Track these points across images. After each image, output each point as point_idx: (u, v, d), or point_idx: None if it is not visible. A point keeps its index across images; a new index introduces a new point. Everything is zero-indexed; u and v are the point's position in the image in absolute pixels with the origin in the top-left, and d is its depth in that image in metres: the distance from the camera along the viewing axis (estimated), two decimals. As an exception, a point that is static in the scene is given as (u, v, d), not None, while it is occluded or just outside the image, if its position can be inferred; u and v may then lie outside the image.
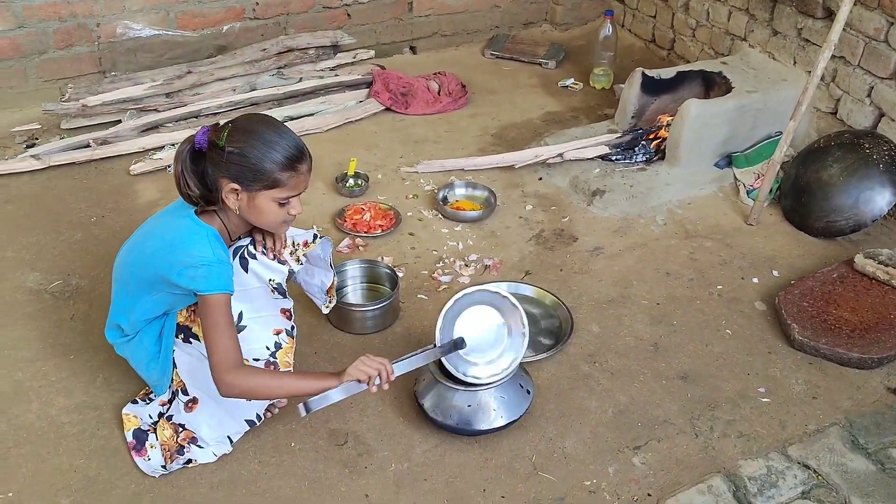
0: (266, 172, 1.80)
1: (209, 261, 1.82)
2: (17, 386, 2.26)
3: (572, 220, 3.03)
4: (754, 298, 2.65)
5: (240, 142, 1.79)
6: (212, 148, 1.82)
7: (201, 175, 1.87)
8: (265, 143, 1.80)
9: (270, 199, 1.84)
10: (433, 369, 2.09)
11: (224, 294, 1.83)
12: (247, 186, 1.82)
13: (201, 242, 1.84)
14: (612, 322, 2.55)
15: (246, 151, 1.79)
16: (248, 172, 1.80)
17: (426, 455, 2.08)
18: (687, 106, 3.10)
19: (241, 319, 1.97)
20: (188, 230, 1.87)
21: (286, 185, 1.84)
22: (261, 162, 1.79)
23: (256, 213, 1.87)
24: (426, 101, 3.79)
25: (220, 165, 1.81)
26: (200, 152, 1.85)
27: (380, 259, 2.76)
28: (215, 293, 1.81)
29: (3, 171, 3.20)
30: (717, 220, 3.05)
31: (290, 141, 1.84)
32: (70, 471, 2.01)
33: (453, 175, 3.29)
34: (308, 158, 1.88)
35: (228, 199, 1.85)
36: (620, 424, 2.19)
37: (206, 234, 1.86)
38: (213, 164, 1.83)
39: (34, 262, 2.74)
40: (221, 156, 1.80)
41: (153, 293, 1.93)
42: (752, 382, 2.33)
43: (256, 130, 1.82)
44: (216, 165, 1.82)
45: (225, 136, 1.81)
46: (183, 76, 3.62)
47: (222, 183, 1.83)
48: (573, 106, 3.88)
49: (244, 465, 2.04)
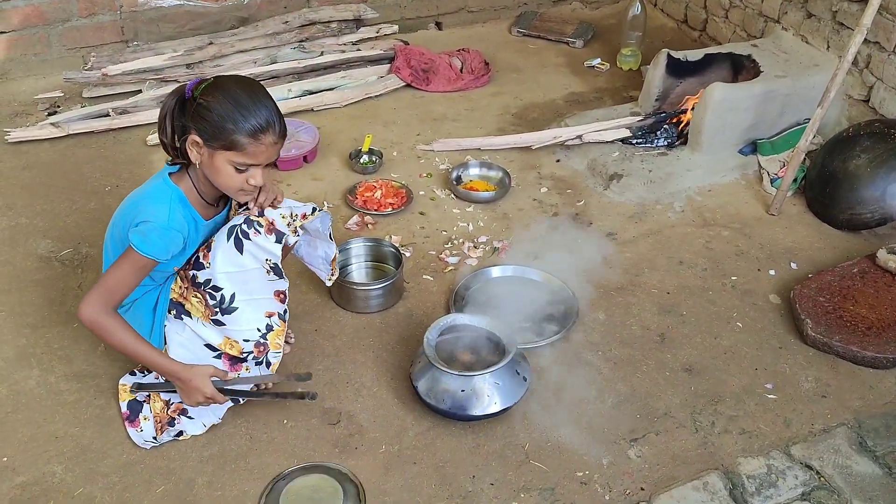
0: (225, 132, 1.78)
1: (158, 222, 1.83)
2: (20, 352, 2.29)
3: (587, 205, 2.97)
4: (769, 291, 2.57)
5: (211, 96, 1.79)
6: (189, 99, 1.84)
7: (183, 124, 1.87)
8: (234, 104, 1.78)
9: (227, 161, 1.82)
10: (430, 353, 2.06)
11: (147, 258, 1.83)
12: (207, 141, 1.81)
13: (161, 203, 1.87)
14: (620, 310, 2.49)
15: (212, 106, 1.78)
16: (209, 127, 1.79)
17: (418, 438, 2.06)
18: (711, 90, 3.00)
19: (233, 301, 1.95)
20: (155, 189, 1.91)
21: (244, 152, 1.80)
22: (222, 121, 1.78)
23: (214, 171, 1.85)
24: (448, 78, 3.74)
25: (190, 116, 1.82)
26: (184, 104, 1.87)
27: (387, 238, 2.73)
28: (138, 252, 1.82)
29: (23, 138, 3.23)
30: (738, 208, 2.96)
31: (263, 110, 1.80)
32: (65, 438, 2.03)
33: (469, 154, 3.23)
34: (276, 133, 1.83)
35: (191, 151, 1.85)
36: (619, 415, 2.14)
37: (169, 197, 1.88)
38: (187, 113, 1.84)
39: (47, 230, 2.77)
40: (192, 105, 1.81)
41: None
42: (759, 378, 2.26)
43: (231, 90, 1.80)
44: (188, 115, 1.83)
45: (202, 87, 1.81)
46: (204, 47, 3.60)
47: (188, 134, 1.84)
48: (598, 87, 3.79)
49: (234, 441, 2.04)
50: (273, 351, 2.05)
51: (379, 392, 2.19)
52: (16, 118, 3.40)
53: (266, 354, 2.05)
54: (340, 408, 2.14)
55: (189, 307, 1.98)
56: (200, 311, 1.97)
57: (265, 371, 2.08)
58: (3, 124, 3.35)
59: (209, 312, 1.96)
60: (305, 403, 2.12)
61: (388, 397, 2.17)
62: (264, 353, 2.04)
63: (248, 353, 2.02)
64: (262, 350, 2.03)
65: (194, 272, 1.95)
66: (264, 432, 2.07)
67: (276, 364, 2.08)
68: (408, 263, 2.65)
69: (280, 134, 1.85)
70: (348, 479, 1.92)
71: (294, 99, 3.51)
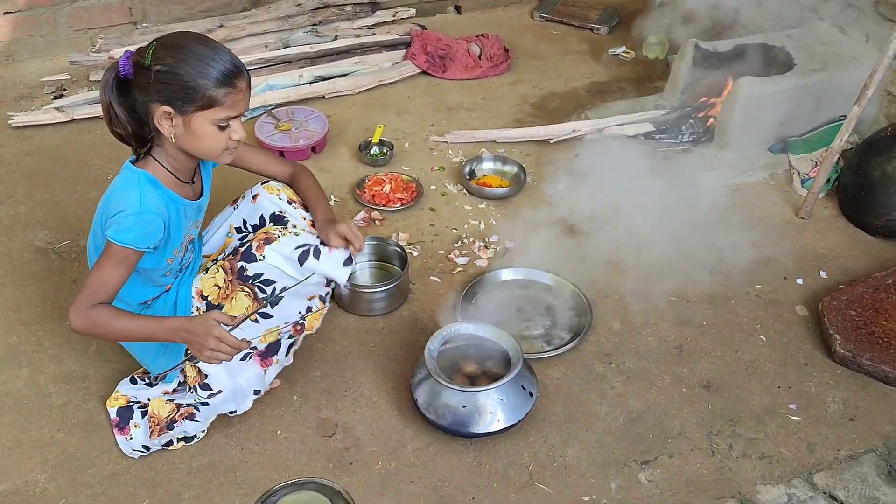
0: (200, 89, 1.63)
1: (131, 209, 1.69)
2: (10, 350, 2.21)
3: (606, 203, 2.80)
4: (796, 302, 2.42)
5: (168, 58, 1.62)
6: (137, 71, 1.65)
7: (132, 107, 1.70)
8: (197, 58, 1.63)
9: (208, 120, 1.68)
10: (431, 365, 1.96)
11: (127, 248, 1.69)
12: (180, 108, 1.65)
13: (130, 190, 1.72)
14: (636, 319, 2.36)
15: (175, 68, 1.61)
16: (179, 92, 1.63)
17: (416, 454, 1.96)
18: (741, 84, 2.84)
19: (282, 291, 1.83)
20: (120, 180, 1.77)
21: (223, 104, 1.67)
22: (193, 78, 1.62)
23: (195, 139, 1.70)
24: (465, 65, 3.59)
25: (149, 88, 1.64)
26: (127, 81, 1.68)
27: (395, 235, 2.62)
28: (117, 244, 1.68)
29: (27, 123, 3.15)
30: (765, 210, 2.80)
31: (224, 55, 1.67)
32: (50, 444, 1.96)
33: (484, 147, 3.10)
34: (246, 75, 1.70)
35: (162, 126, 1.68)
36: (630, 434, 2.02)
37: (136, 181, 1.73)
38: (141, 88, 1.65)
39: (46, 220, 2.69)
40: (149, 76, 1.63)
41: None
42: (782, 397, 2.12)
43: (186, 45, 1.65)
44: (144, 90, 1.65)
45: (150, 53, 1.63)
46: (214, 30, 3.49)
47: (153, 108, 1.66)
48: (622, 77, 3.62)
49: (225, 452, 1.95)
50: (308, 331, 1.97)
51: (378, 402, 2.09)
52: (21, 101, 3.32)
53: (301, 335, 1.96)
54: (337, 418, 2.04)
55: (227, 309, 1.82)
56: (244, 308, 1.82)
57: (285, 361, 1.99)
58: (8, 108, 3.27)
59: (257, 306, 1.83)
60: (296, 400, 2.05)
61: (388, 408, 2.07)
62: (300, 334, 1.96)
63: (285, 332, 1.91)
64: (298, 330, 1.94)
65: (243, 263, 1.81)
66: (256, 443, 1.98)
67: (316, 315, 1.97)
68: (415, 263, 2.54)
69: (248, 76, 1.72)
70: (341, 497, 1.83)
71: (305, 85, 3.39)
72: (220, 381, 1.87)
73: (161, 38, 1.68)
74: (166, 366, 1.90)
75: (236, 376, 1.89)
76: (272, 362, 1.94)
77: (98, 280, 1.71)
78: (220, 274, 1.85)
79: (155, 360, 1.93)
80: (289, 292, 1.84)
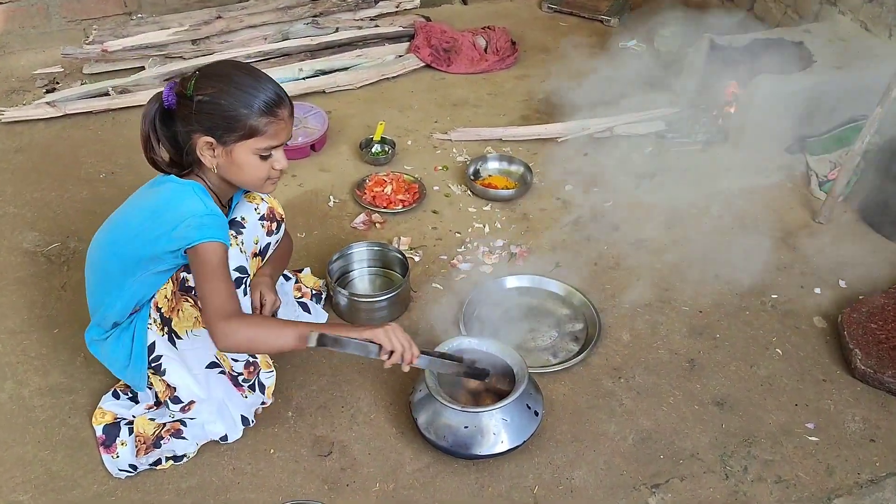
0: (241, 119, 1.61)
1: (200, 213, 1.64)
2: (-6, 360, 2.13)
3: (616, 206, 2.72)
4: (814, 313, 2.32)
5: (210, 88, 1.60)
6: (180, 101, 1.63)
7: (174, 137, 1.68)
8: (238, 88, 1.61)
9: (250, 150, 1.65)
10: (431, 383, 1.86)
11: (217, 243, 1.63)
12: (222, 139, 1.63)
13: (188, 197, 1.66)
14: (646, 330, 2.26)
15: (217, 98, 1.60)
16: (221, 122, 1.61)
17: (415, 476, 1.87)
18: (758, 82, 2.73)
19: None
20: (171, 191, 1.69)
21: (265, 134, 1.64)
22: (235, 108, 1.60)
23: (236, 169, 1.68)
24: (471, 58, 3.48)
25: (191, 118, 1.62)
26: (170, 111, 1.66)
27: (396, 239, 2.52)
28: (206, 241, 1.61)
29: (18, 118, 3.05)
30: (781, 214, 2.69)
31: (267, 84, 1.64)
32: (33, 462, 1.87)
33: (489, 146, 3.00)
34: (289, 104, 1.68)
35: (204, 157, 1.66)
36: (640, 455, 1.92)
37: (191, 190, 1.67)
38: (183, 118, 1.64)
39: (35, 221, 2.60)
40: (190, 107, 1.61)
41: (139, 274, 1.73)
42: (799, 415, 2.02)
43: (228, 74, 1.62)
44: (186, 120, 1.63)
45: (192, 84, 1.61)
46: (211, 21, 3.39)
47: (195, 139, 1.64)
48: (633, 71, 3.50)
49: (216, 472, 1.86)
50: (264, 370, 1.87)
51: (376, 419, 2.00)
52: (12, 95, 3.23)
53: (258, 375, 1.86)
54: (333, 437, 1.95)
55: (176, 322, 1.76)
56: (193, 318, 1.75)
57: (262, 397, 1.90)
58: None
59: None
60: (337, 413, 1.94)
61: (386, 426, 1.98)
62: (255, 374, 1.86)
63: (238, 374, 1.83)
64: (252, 371, 1.85)
65: (185, 274, 1.74)
66: (249, 463, 1.89)
67: (270, 388, 1.90)
68: (416, 269, 2.44)
69: (290, 104, 1.69)
70: (336, 522, 1.74)
71: (305, 79, 3.28)
72: (191, 392, 1.81)
73: (204, 67, 1.66)
74: (134, 373, 1.82)
75: (209, 388, 1.83)
76: (244, 390, 1.86)
77: (214, 291, 1.62)
78: (170, 285, 1.76)
79: (122, 373, 1.85)
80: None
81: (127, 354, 1.80)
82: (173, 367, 1.80)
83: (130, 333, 1.80)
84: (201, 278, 1.63)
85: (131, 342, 1.80)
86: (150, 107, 1.68)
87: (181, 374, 1.80)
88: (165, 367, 1.79)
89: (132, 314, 1.81)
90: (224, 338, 1.62)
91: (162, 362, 1.79)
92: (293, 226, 2.58)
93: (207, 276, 1.62)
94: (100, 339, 1.85)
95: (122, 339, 1.81)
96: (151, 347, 1.78)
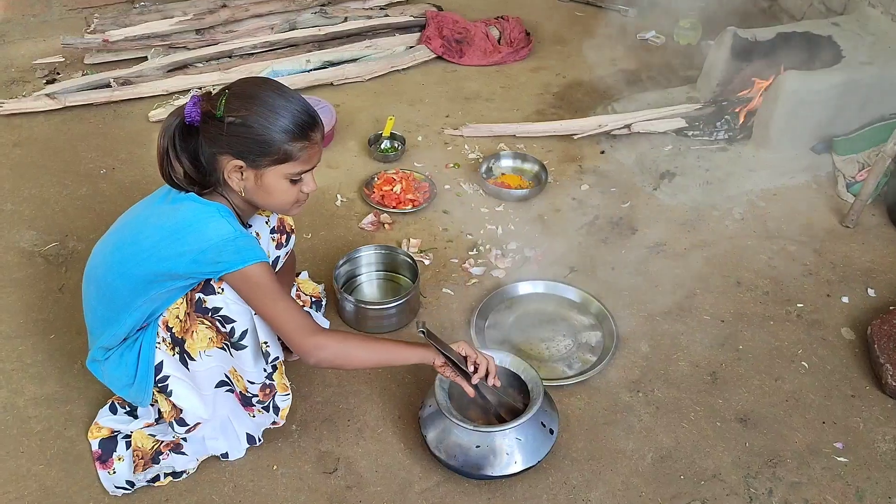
0: (275, 144, 1.52)
1: (232, 235, 1.54)
2: (-11, 367, 2.06)
3: (633, 207, 2.62)
4: (841, 323, 2.22)
5: (241, 109, 1.50)
6: (207, 120, 1.53)
7: (194, 153, 1.57)
8: (271, 110, 1.51)
9: (281, 175, 1.56)
10: (441, 399, 1.77)
11: (261, 264, 1.55)
12: (253, 162, 1.54)
13: (213, 219, 1.55)
14: (666, 341, 2.16)
15: (249, 121, 1.50)
16: (253, 146, 1.52)
17: (424, 495, 1.78)
18: (783, 79, 2.61)
19: (243, 338, 1.65)
20: (193, 212, 1.57)
21: (298, 159, 1.55)
22: (268, 132, 1.51)
23: (265, 193, 1.59)
24: (483, 50, 3.37)
25: (220, 140, 1.52)
26: (192, 127, 1.55)
27: (405, 241, 2.43)
28: (250, 264, 1.54)
29: (17, 111, 2.97)
30: (807, 217, 2.59)
31: (300, 105, 1.54)
32: (27, 477, 1.80)
33: (503, 142, 2.89)
34: (320, 125, 1.59)
35: (232, 180, 1.57)
36: (659, 475, 1.84)
37: (216, 211, 1.57)
38: (210, 139, 1.53)
39: (33, 219, 2.52)
40: (220, 128, 1.51)
41: (150, 292, 1.62)
42: (826, 434, 1.93)
43: (259, 95, 1.52)
44: (213, 141, 1.53)
45: (223, 103, 1.51)
46: (216, 10, 3.29)
47: (223, 161, 1.55)
48: (651, 64, 3.39)
49: (217, 489, 1.79)
50: (280, 394, 1.78)
51: (384, 434, 1.91)
52: (12, 86, 3.14)
53: (273, 398, 1.78)
54: (339, 452, 1.87)
55: (190, 344, 1.65)
56: (207, 339, 1.65)
57: (274, 417, 1.82)
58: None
59: (221, 338, 1.66)
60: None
61: (394, 441, 1.90)
62: (271, 397, 1.77)
63: (252, 395, 1.75)
64: (267, 393, 1.76)
65: (201, 295, 1.62)
66: (251, 480, 1.81)
67: (284, 410, 1.81)
68: (426, 272, 2.35)
69: (322, 126, 1.60)
70: (341, 545, 1.66)
71: (313, 71, 3.18)
72: (197, 414, 1.71)
73: (233, 85, 1.56)
74: (136, 397, 1.73)
75: (216, 408, 1.74)
76: (254, 410, 1.78)
77: (285, 311, 1.58)
78: (183, 306, 1.65)
79: (124, 391, 1.75)
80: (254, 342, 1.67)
81: (131, 374, 1.70)
82: (180, 388, 1.69)
83: (135, 352, 1.70)
84: (263, 301, 1.57)
85: (136, 360, 1.69)
86: (169, 121, 1.56)
87: (189, 395, 1.70)
88: (172, 389, 1.69)
89: (139, 330, 1.72)
90: (318, 352, 1.59)
91: (169, 383, 1.68)
92: (299, 227, 2.49)
93: (269, 297, 1.57)
94: (100, 358, 1.75)
95: (125, 358, 1.70)
96: (159, 367, 1.68)
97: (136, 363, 1.70)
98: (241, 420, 1.81)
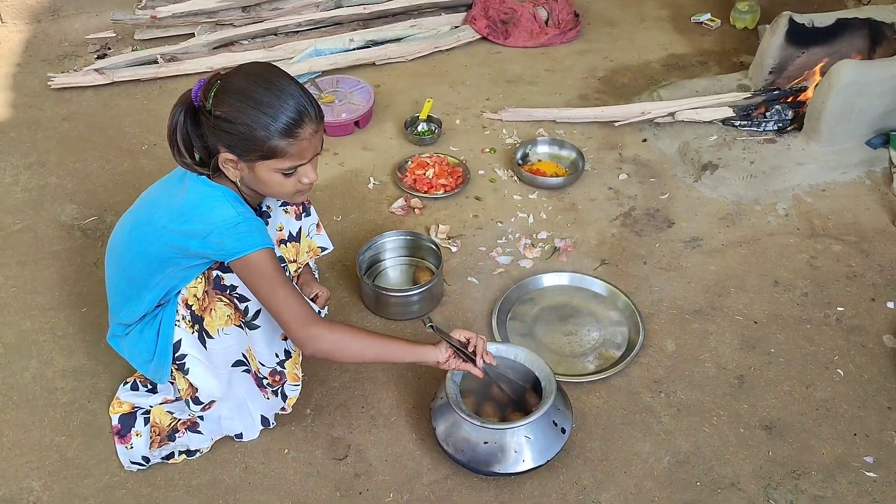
0: (258, 141, 1.49)
1: (234, 221, 1.54)
2: (22, 337, 2.12)
3: (672, 199, 2.54)
4: (884, 330, 2.11)
5: (226, 106, 1.49)
6: (201, 110, 1.53)
7: (203, 138, 1.57)
8: (256, 106, 1.48)
9: (271, 169, 1.54)
10: (451, 392, 1.76)
11: (263, 250, 1.55)
12: (242, 156, 1.53)
13: (218, 204, 1.56)
14: (693, 340, 2.10)
15: (232, 116, 1.48)
16: (239, 141, 1.50)
17: (431, 488, 1.78)
18: (839, 68, 2.47)
19: (256, 318, 1.68)
20: (199, 194, 1.58)
21: (287, 155, 1.52)
22: (251, 129, 1.48)
23: (261, 184, 1.59)
24: (530, 31, 3.30)
25: (212, 131, 1.53)
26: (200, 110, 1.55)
27: (434, 227, 2.41)
28: (253, 251, 1.54)
29: (67, 84, 3.05)
30: (856, 216, 2.46)
31: (289, 101, 1.50)
32: (49, 448, 1.86)
33: (542, 127, 2.83)
34: (313, 120, 1.53)
35: (227, 170, 1.57)
36: (675, 481, 1.78)
37: (221, 194, 1.58)
38: (207, 128, 1.54)
39: (74, 193, 2.59)
40: (209, 121, 1.51)
41: (167, 269, 1.65)
42: (857, 447, 1.84)
43: (247, 90, 1.49)
44: (210, 130, 1.53)
45: (212, 96, 1.50)
46: (264, -13, 3.29)
47: (220, 151, 1.54)
48: (704, 49, 3.26)
49: (227, 470, 1.82)
50: (290, 383, 1.79)
51: (396, 423, 1.91)
52: (64, 60, 3.22)
53: (283, 385, 1.79)
54: (350, 439, 1.88)
55: (208, 322, 1.67)
56: (225, 317, 1.67)
57: (282, 403, 1.83)
58: (52, 66, 3.18)
59: (238, 316, 1.68)
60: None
61: (406, 430, 1.89)
62: (280, 384, 1.79)
63: (263, 377, 1.77)
64: (277, 379, 1.77)
65: (219, 273, 1.65)
66: (262, 462, 1.83)
67: (292, 399, 1.83)
68: (453, 259, 2.33)
69: (317, 118, 1.55)
70: (345, 533, 1.67)
71: (355, 51, 3.17)
72: (211, 392, 1.74)
73: (226, 76, 1.53)
74: (155, 373, 1.76)
75: (231, 387, 1.76)
76: (266, 391, 1.78)
77: (284, 299, 1.57)
78: (201, 284, 1.67)
79: (144, 367, 1.78)
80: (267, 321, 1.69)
81: (150, 350, 1.74)
82: (197, 367, 1.72)
83: (155, 329, 1.73)
84: (263, 289, 1.57)
85: (156, 337, 1.73)
86: (177, 109, 1.57)
87: (205, 374, 1.73)
88: (189, 367, 1.71)
89: (157, 306, 1.75)
90: (313, 342, 1.58)
91: (186, 361, 1.71)
92: (330, 207, 2.50)
93: (269, 286, 1.56)
94: (121, 334, 1.80)
95: (144, 335, 1.74)
96: (177, 345, 1.71)
97: (155, 340, 1.74)
98: (257, 401, 1.83)
